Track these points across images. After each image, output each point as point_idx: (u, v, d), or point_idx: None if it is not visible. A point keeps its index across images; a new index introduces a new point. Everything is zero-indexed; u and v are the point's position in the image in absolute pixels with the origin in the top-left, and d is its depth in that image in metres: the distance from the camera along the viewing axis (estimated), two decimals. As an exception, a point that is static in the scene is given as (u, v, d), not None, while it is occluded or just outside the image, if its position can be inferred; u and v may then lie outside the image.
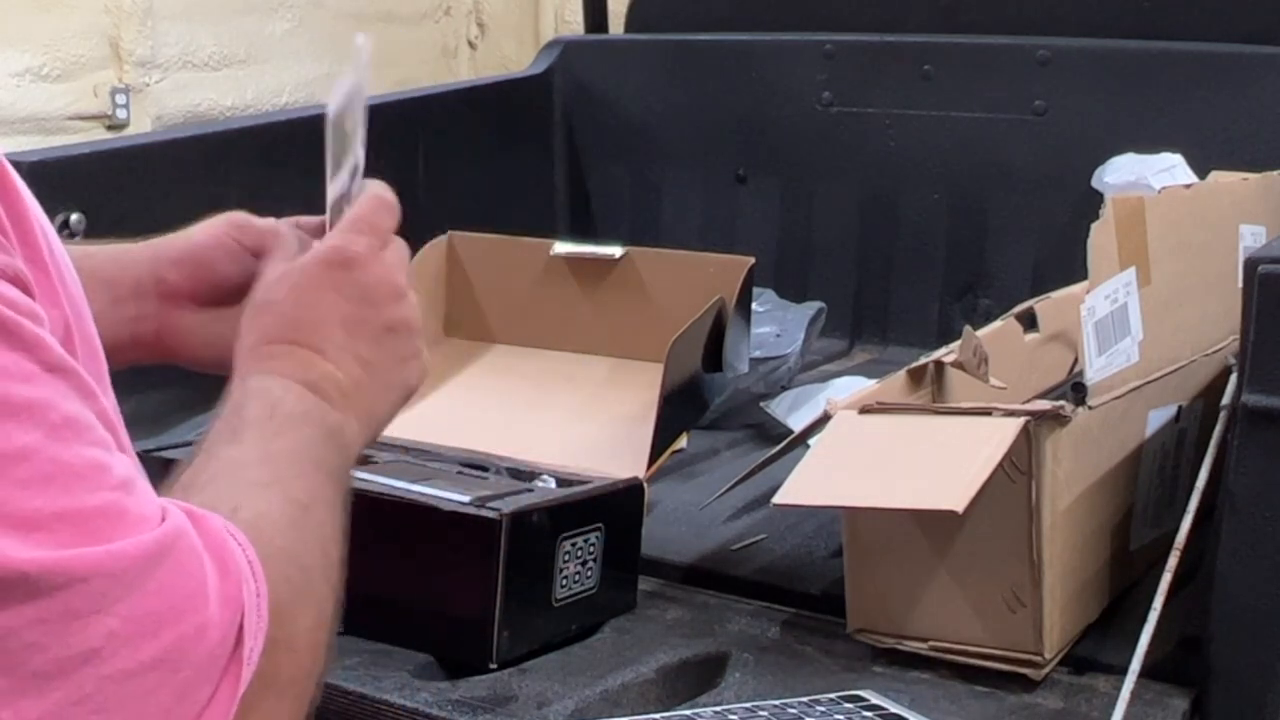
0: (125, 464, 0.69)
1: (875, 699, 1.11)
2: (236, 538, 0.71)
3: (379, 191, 0.95)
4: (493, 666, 1.17)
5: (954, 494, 1.07)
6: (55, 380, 0.66)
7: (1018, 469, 1.13)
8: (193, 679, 0.67)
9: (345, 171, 0.95)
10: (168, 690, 0.66)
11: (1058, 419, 1.13)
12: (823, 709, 1.07)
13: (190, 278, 1.02)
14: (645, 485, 1.33)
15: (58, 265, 0.74)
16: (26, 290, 0.68)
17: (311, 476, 0.81)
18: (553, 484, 1.30)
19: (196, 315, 1.03)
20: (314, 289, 0.89)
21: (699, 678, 1.19)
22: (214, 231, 1.04)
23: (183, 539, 0.68)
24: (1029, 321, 1.47)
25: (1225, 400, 1.20)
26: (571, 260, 1.65)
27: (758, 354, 1.74)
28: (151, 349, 1.04)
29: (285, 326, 0.88)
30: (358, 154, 0.94)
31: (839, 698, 1.10)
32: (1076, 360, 1.41)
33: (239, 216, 1.05)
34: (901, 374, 1.31)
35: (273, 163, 1.91)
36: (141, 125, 3.43)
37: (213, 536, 0.70)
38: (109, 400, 0.74)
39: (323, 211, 0.97)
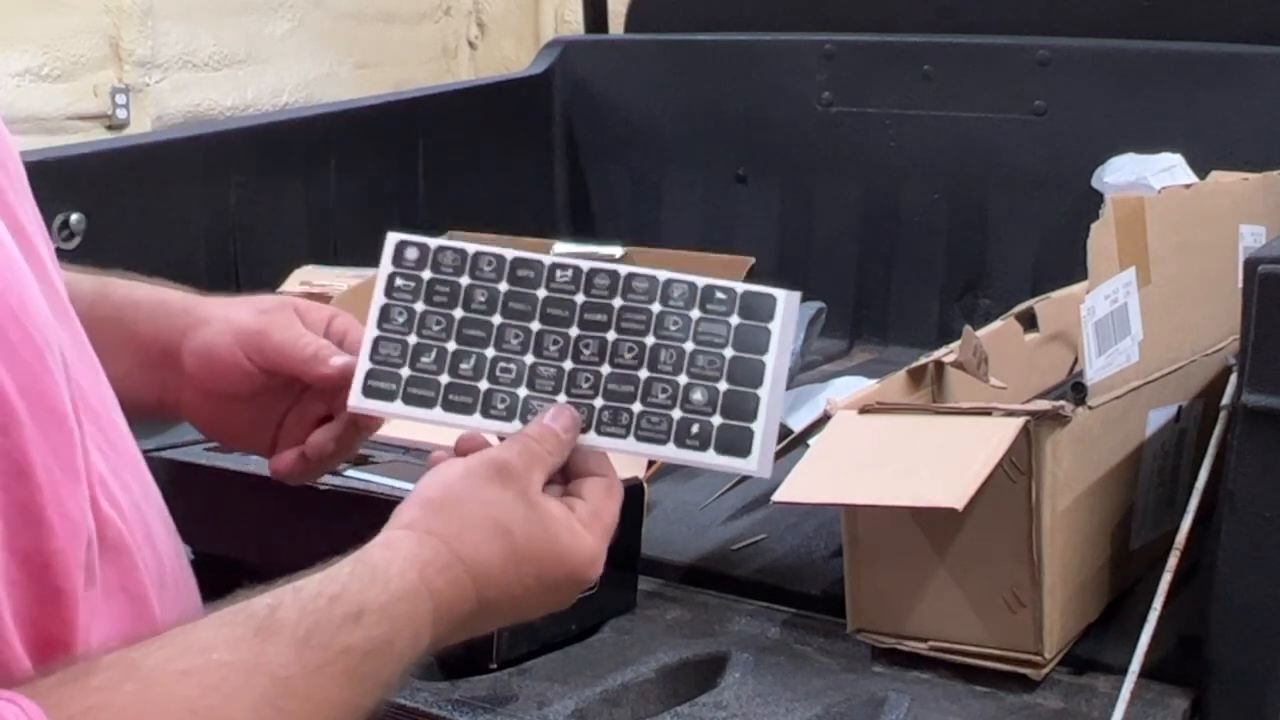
0: None
1: None
2: None
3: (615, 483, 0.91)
4: (493, 666, 1.17)
5: (954, 492, 1.07)
6: None
7: (1018, 469, 1.13)
8: None
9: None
10: None
11: (1058, 419, 1.13)
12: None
13: (202, 372, 0.98)
14: (645, 485, 1.33)
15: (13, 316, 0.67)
16: None
17: None
18: (552, 484, 1.30)
19: (206, 400, 1.00)
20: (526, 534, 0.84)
21: (699, 678, 1.19)
22: (236, 337, 0.97)
23: None
24: (1029, 321, 1.47)
25: (1225, 400, 1.20)
26: (572, 260, 1.64)
27: (758, 354, 1.74)
28: (176, 415, 1.02)
29: (492, 598, 0.83)
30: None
31: None
32: (1076, 360, 1.41)
33: (276, 329, 0.97)
34: (901, 374, 1.31)
35: (273, 163, 1.91)
36: (141, 125, 3.44)
37: None
38: (67, 471, 0.68)
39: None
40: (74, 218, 1.59)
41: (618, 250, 1.63)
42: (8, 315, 0.67)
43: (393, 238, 0.96)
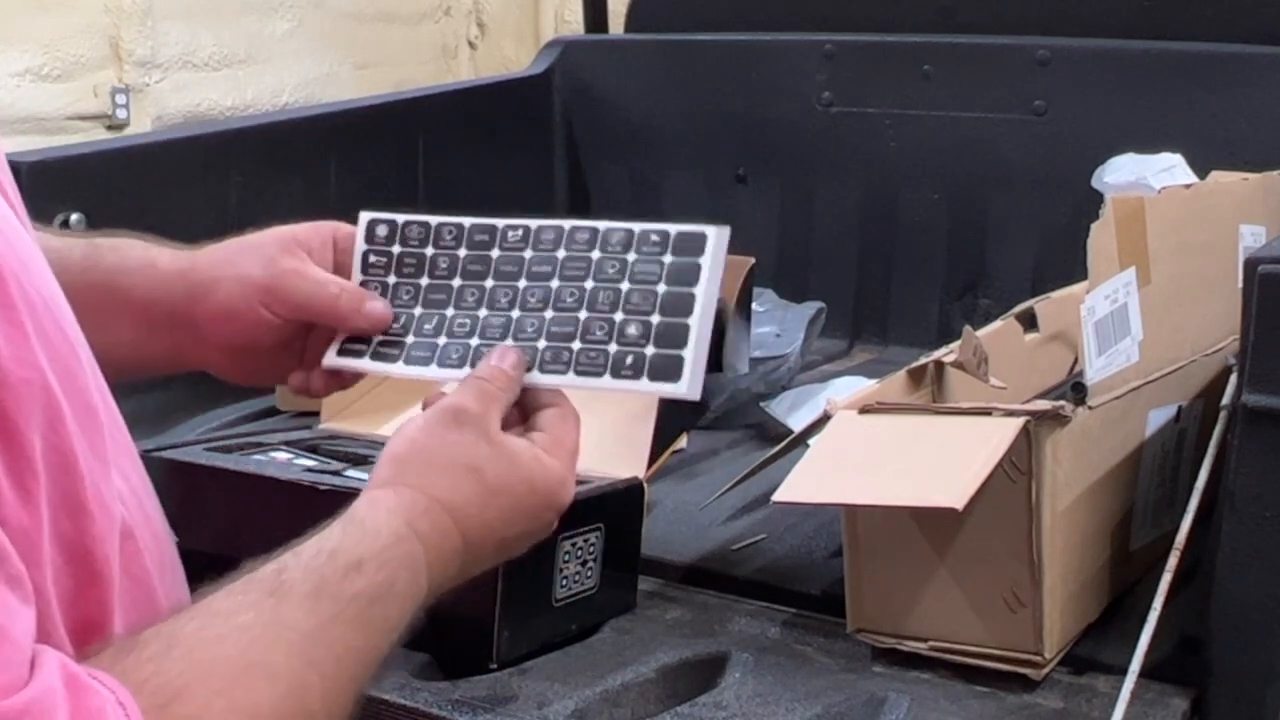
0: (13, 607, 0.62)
1: None
2: None
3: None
4: (493, 666, 1.17)
5: (954, 492, 1.07)
6: None
7: (1018, 469, 1.13)
8: None
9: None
10: None
11: (1058, 419, 1.13)
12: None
13: (224, 333, 1.01)
14: (645, 485, 1.33)
15: (35, 313, 0.68)
16: None
17: (360, 678, 0.77)
18: (553, 484, 1.30)
19: (228, 354, 1.03)
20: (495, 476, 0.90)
21: (699, 678, 1.19)
22: (257, 294, 1.00)
23: (43, 716, 0.59)
24: (1029, 321, 1.47)
25: (1225, 400, 1.20)
26: (572, 260, 1.64)
27: (758, 354, 1.74)
28: (189, 367, 1.06)
29: (475, 535, 0.88)
30: None
31: None
32: (1076, 360, 1.41)
33: (296, 279, 1.02)
34: (901, 374, 1.31)
35: (273, 163, 1.91)
36: (141, 125, 3.43)
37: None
38: (98, 460, 0.71)
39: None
40: (74, 218, 1.59)
41: (617, 250, 1.63)
42: (43, 309, 0.70)
43: (364, 217, 1.04)
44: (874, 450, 1.17)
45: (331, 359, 1.01)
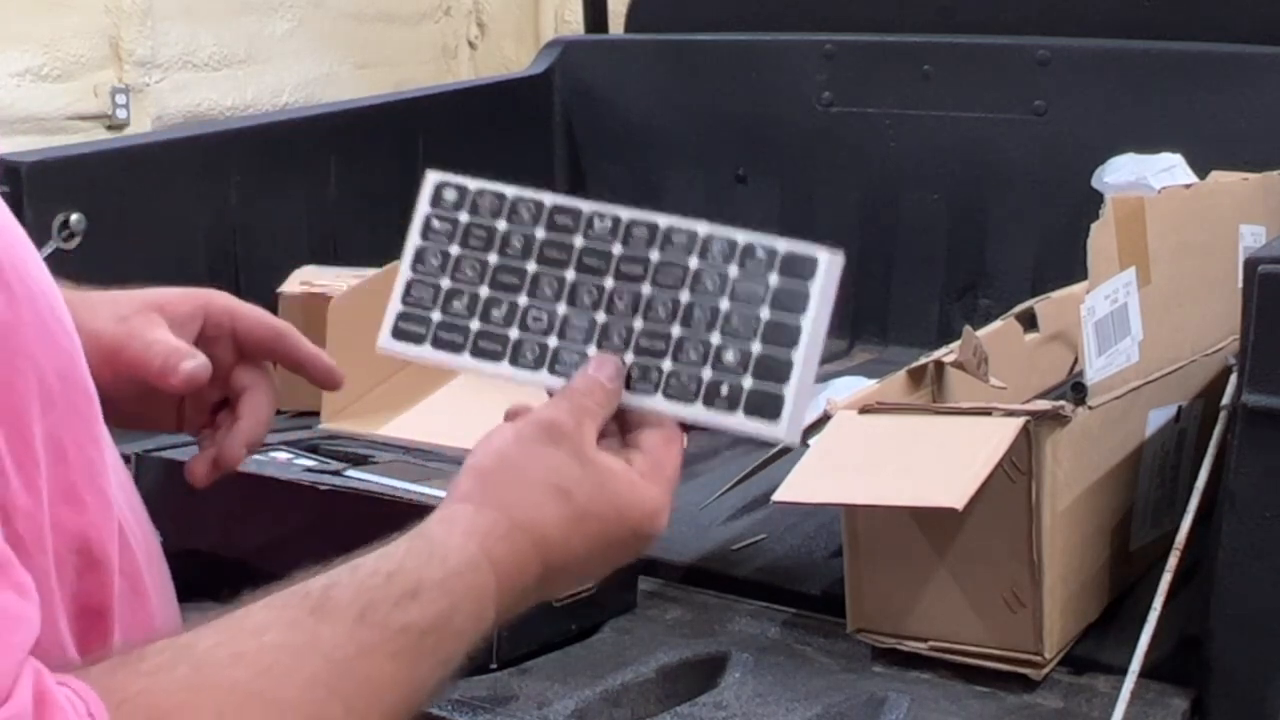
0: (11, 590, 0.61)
1: None
2: None
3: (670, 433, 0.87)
4: (493, 666, 1.17)
5: (954, 492, 1.07)
6: None
7: (1018, 469, 1.13)
8: None
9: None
10: None
11: (1058, 419, 1.13)
12: None
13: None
14: (645, 485, 1.32)
15: (34, 303, 0.68)
16: None
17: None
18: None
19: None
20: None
21: (699, 678, 1.19)
22: (98, 352, 0.89)
23: None
24: (1029, 321, 1.47)
25: (1225, 400, 1.20)
26: (572, 260, 1.64)
27: (758, 354, 1.74)
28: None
29: (556, 560, 0.80)
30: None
31: None
32: (1076, 360, 1.41)
33: (132, 339, 0.93)
34: (901, 374, 1.31)
35: (273, 163, 1.91)
36: (141, 125, 3.44)
37: None
38: (95, 450, 0.70)
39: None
40: (74, 218, 1.59)
41: (618, 250, 1.63)
42: (46, 308, 0.70)
43: (432, 177, 0.93)
44: (874, 450, 1.17)
45: (387, 340, 0.91)
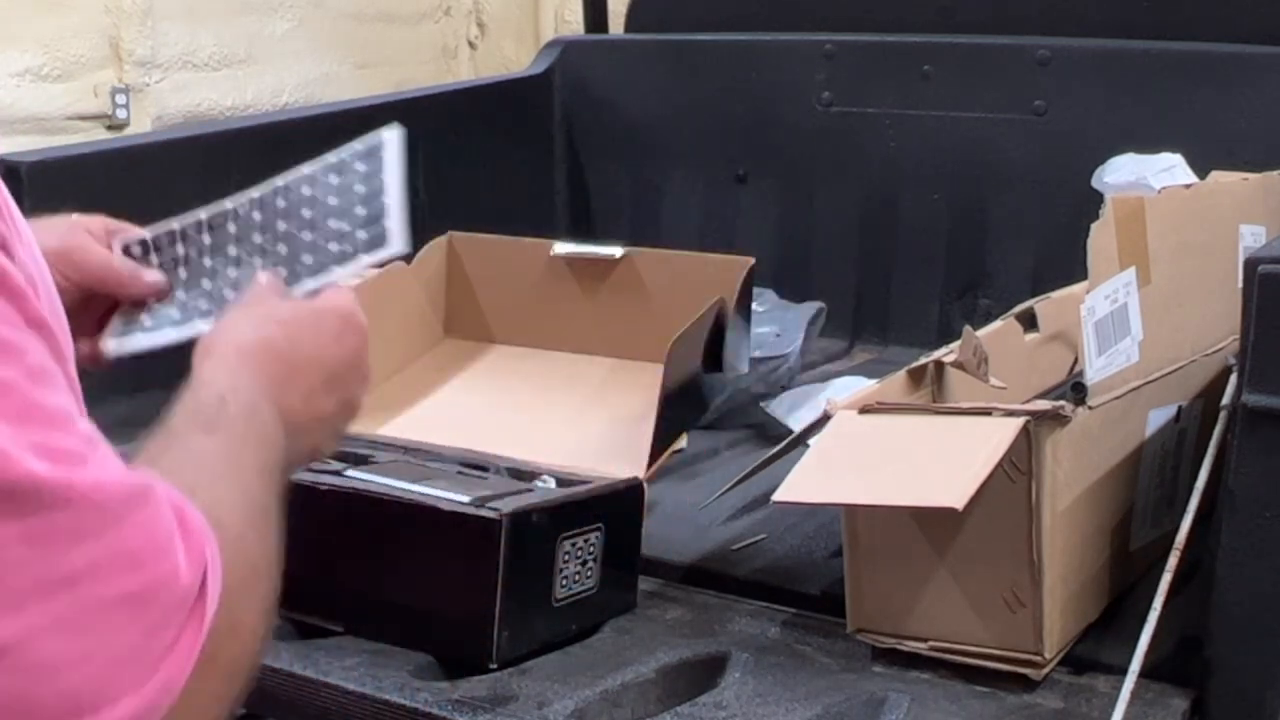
0: (89, 425, 0.70)
1: None
2: (193, 509, 0.74)
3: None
4: (493, 666, 1.17)
5: (954, 492, 1.07)
6: (33, 334, 0.68)
7: (1018, 469, 1.13)
8: (161, 621, 0.68)
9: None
10: (138, 627, 0.67)
11: (1058, 419, 1.13)
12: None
13: None
14: (645, 485, 1.33)
15: (24, 239, 0.75)
16: (9, 254, 0.69)
17: (270, 487, 0.85)
18: (553, 484, 1.30)
19: None
20: (323, 335, 0.99)
21: (699, 678, 1.19)
22: (52, 260, 1.03)
23: (155, 490, 0.70)
24: (1029, 321, 1.47)
25: (1225, 400, 1.20)
26: (571, 261, 1.65)
27: (758, 354, 1.74)
28: None
29: (289, 354, 0.96)
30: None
31: None
32: (1076, 360, 1.41)
33: (86, 251, 1.13)
34: (901, 374, 1.31)
35: (273, 163, 1.90)
36: (141, 125, 3.43)
37: (175, 499, 0.72)
38: (72, 369, 0.76)
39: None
40: (74, 218, 1.59)
41: (617, 251, 1.63)
42: (39, 279, 0.75)
43: (116, 245, 1.14)
44: (874, 450, 1.17)
45: (110, 346, 1.10)
